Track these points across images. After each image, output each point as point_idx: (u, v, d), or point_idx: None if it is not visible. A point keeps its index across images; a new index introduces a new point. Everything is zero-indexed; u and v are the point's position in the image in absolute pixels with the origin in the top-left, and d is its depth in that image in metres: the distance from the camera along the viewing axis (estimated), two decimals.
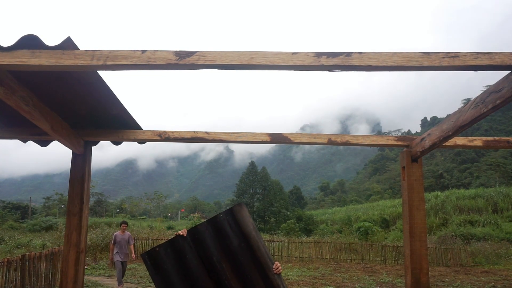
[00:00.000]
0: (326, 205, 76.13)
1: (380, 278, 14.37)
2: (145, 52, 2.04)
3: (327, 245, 20.30)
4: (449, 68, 2.06)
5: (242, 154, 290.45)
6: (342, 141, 3.80)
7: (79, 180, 3.72)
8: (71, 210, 3.65)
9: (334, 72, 2.12)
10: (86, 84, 2.85)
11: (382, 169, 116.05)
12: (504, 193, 35.81)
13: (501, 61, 2.02)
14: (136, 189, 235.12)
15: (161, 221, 54.38)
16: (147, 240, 20.43)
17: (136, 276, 13.84)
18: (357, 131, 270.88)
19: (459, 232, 24.93)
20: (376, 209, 42.06)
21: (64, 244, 3.61)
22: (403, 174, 3.86)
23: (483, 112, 2.52)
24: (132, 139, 3.80)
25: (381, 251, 19.72)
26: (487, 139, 3.82)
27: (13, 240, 22.44)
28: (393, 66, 2.05)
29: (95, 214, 59.23)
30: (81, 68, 2.08)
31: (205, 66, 2.06)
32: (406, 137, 3.94)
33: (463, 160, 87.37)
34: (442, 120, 3.35)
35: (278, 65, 2.05)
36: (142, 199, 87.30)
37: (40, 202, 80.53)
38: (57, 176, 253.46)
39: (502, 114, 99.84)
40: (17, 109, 2.56)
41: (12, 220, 41.62)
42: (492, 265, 18.44)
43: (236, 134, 3.80)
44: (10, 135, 3.64)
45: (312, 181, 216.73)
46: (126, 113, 3.42)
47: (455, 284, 13.24)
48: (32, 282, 10.00)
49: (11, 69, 2.10)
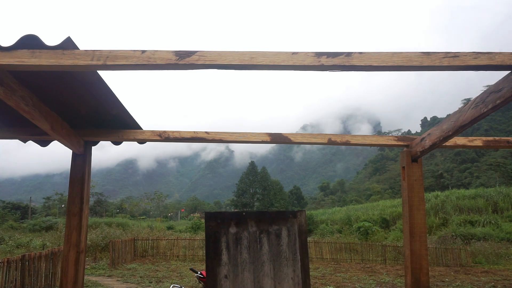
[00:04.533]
0: (326, 205, 76.07)
1: (380, 278, 14.37)
2: (145, 52, 2.04)
3: (327, 245, 20.30)
4: (449, 68, 2.06)
5: (242, 154, 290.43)
6: (342, 141, 3.80)
7: (79, 180, 3.72)
8: (71, 210, 3.65)
9: (334, 72, 2.12)
10: (86, 84, 2.85)
11: (382, 169, 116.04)
12: (504, 193, 35.80)
13: (501, 61, 2.02)
14: (136, 189, 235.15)
15: (161, 221, 54.42)
16: (147, 240, 20.43)
17: (136, 276, 13.84)
18: (358, 131, 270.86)
19: (459, 232, 24.94)
20: (376, 209, 42.02)
21: (64, 244, 3.61)
22: (403, 174, 3.86)
23: (483, 112, 2.52)
24: (132, 139, 3.80)
25: (381, 251, 19.73)
26: (487, 139, 3.82)
27: (13, 240, 22.44)
28: (393, 66, 2.05)
29: (95, 214, 59.24)
30: (81, 68, 2.08)
31: (205, 66, 2.06)
32: (406, 137, 3.93)
33: (463, 160, 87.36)
34: (442, 120, 3.35)
35: (278, 65, 2.05)
36: (142, 199, 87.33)
37: (40, 202, 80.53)
38: (57, 176, 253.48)
39: (502, 114, 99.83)
40: (17, 109, 2.56)
41: (12, 220, 41.65)
42: (492, 265, 18.44)
43: (236, 134, 3.80)
44: (10, 135, 3.64)
45: (312, 181, 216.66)
46: (126, 113, 3.42)
47: (455, 284, 13.24)
48: (32, 282, 10.00)
49: (11, 69, 2.10)
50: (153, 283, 12.30)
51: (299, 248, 3.72)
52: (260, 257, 3.67)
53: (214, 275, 3.62)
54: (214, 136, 3.79)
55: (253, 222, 3.71)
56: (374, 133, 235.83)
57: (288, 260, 3.69)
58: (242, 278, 3.63)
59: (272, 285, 3.64)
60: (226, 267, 3.63)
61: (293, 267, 3.68)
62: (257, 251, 3.68)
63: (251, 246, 3.69)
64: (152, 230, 30.41)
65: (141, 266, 16.53)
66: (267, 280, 3.64)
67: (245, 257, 3.65)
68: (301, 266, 3.70)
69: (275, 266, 3.67)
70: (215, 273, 3.62)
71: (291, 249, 3.72)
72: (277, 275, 3.65)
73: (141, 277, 13.47)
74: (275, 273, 3.66)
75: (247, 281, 3.63)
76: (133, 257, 18.92)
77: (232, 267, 3.63)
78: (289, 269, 3.67)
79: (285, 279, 3.65)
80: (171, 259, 19.32)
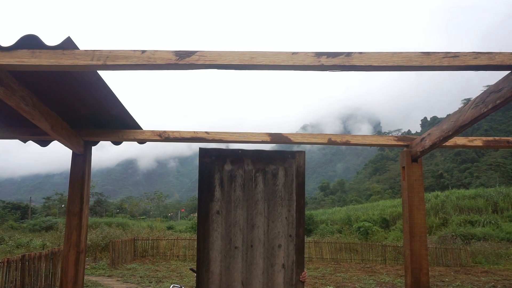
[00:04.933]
0: (326, 205, 76.03)
1: (380, 278, 14.37)
2: (145, 52, 2.04)
3: (327, 245, 20.30)
4: (449, 68, 2.06)
5: None
6: (342, 141, 3.81)
7: (79, 180, 3.72)
8: (71, 210, 3.65)
9: (334, 72, 2.12)
10: (86, 84, 2.85)
11: (382, 169, 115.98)
12: (504, 193, 35.79)
13: (501, 61, 2.02)
14: (136, 189, 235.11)
15: (161, 221, 54.37)
16: (147, 240, 20.43)
17: (136, 276, 13.84)
18: (358, 131, 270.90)
19: (459, 232, 24.93)
20: (376, 209, 41.99)
21: (64, 244, 3.61)
22: (403, 174, 3.86)
23: (483, 112, 2.52)
24: (132, 139, 3.80)
25: (381, 251, 19.72)
26: (487, 139, 3.82)
27: (13, 240, 22.43)
28: (393, 66, 2.05)
29: (95, 214, 59.21)
30: (81, 68, 2.08)
31: (205, 66, 2.06)
32: (406, 137, 3.93)
33: (463, 160, 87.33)
34: (442, 120, 3.35)
35: (278, 65, 2.05)
36: (142, 199, 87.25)
37: (40, 202, 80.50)
38: (57, 176, 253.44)
39: (502, 114, 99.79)
40: (17, 109, 2.56)
41: (12, 220, 41.61)
42: (492, 265, 18.44)
43: (236, 134, 3.80)
44: (10, 135, 3.64)
45: (312, 181, 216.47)
46: (126, 113, 3.42)
47: (455, 284, 13.24)
48: (32, 282, 10.00)
49: (11, 69, 2.10)
50: (153, 283, 12.30)
51: (295, 189, 3.72)
52: (255, 196, 3.68)
53: (206, 210, 3.63)
54: (214, 136, 3.79)
55: (250, 161, 3.70)
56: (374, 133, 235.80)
57: (283, 200, 3.69)
58: (234, 214, 3.64)
59: (265, 223, 3.66)
60: (218, 203, 3.63)
61: (288, 207, 3.69)
62: (251, 189, 3.68)
63: (246, 184, 3.69)
64: (152, 230, 30.36)
65: (141, 266, 16.52)
66: (260, 218, 3.65)
67: (239, 195, 3.65)
68: (296, 206, 3.71)
69: (270, 205, 3.68)
70: (207, 208, 3.62)
71: (288, 189, 3.71)
72: (271, 213, 3.67)
73: (141, 277, 13.47)
74: (269, 212, 3.67)
75: (240, 217, 3.64)
76: (133, 257, 18.92)
77: (225, 204, 3.64)
78: (284, 208, 3.68)
79: (278, 218, 3.67)
80: (171, 259, 19.32)
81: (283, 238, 3.65)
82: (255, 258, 3.60)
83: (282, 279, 3.59)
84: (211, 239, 3.57)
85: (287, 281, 3.59)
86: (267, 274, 3.59)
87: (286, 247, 3.64)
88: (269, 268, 3.60)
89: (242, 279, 3.56)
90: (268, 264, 3.60)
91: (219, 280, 3.53)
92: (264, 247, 3.62)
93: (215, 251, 3.56)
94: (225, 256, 3.57)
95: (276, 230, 3.65)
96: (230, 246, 3.59)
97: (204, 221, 3.60)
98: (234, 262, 3.57)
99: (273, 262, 3.61)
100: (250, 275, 3.58)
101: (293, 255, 3.64)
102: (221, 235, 3.59)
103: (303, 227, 3.73)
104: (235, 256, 3.58)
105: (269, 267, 3.60)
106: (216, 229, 3.59)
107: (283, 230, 3.66)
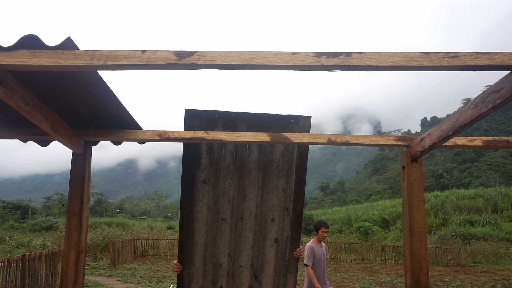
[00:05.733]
0: (326, 205, 76.07)
1: (380, 278, 14.37)
2: (145, 52, 2.04)
3: (327, 245, 20.27)
4: (449, 68, 2.06)
5: None
6: (342, 141, 3.80)
7: (79, 180, 3.72)
8: (71, 210, 3.65)
9: (334, 72, 2.12)
10: (86, 84, 2.85)
11: (382, 169, 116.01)
12: (504, 193, 35.79)
13: (501, 61, 2.02)
14: (136, 189, 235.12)
15: (161, 221, 54.35)
16: (147, 240, 20.43)
17: (136, 276, 13.84)
18: (358, 131, 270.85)
19: (459, 232, 24.94)
20: (376, 209, 42.01)
21: (64, 244, 3.61)
22: (403, 174, 3.86)
23: (483, 112, 2.51)
24: (132, 139, 3.80)
25: (381, 251, 19.73)
26: (487, 139, 3.82)
27: (13, 240, 22.43)
28: (393, 66, 2.05)
29: (95, 214, 59.19)
30: (81, 68, 2.08)
31: (205, 66, 2.06)
32: (406, 137, 3.93)
33: (463, 160, 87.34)
34: (442, 120, 3.35)
35: (278, 65, 2.05)
36: (142, 199, 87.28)
37: (40, 202, 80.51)
38: (57, 176, 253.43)
39: (502, 114, 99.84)
40: (17, 109, 2.56)
41: (12, 220, 41.60)
42: (492, 265, 18.43)
43: (236, 134, 3.79)
44: (10, 135, 3.64)
45: (312, 181, 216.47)
46: (126, 113, 3.42)
47: (455, 284, 13.24)
48: (32, 282, 10.00)
49: (11, 69, 2.10)
50: (153, 283, 12.29)
51: (296, 159, 3.38)
52: (248, 165, 3.36)
53: (191, 179, 3.32)
54: (214, 136, 3.78)
55: (244, 126, 3.37)
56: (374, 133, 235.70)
57: (281, 171, 3.37)
58: (223, 184, 3.34)
59: (258, 194, 3.36)
60: (205, 171, 3.33)
61: (287, 178, 3.37)
62: (245, 158, 3.36)
63: (238, 152, 3.36)
64: (152, 230, 30.38)
65: (141, 266, 16.52)
66: (253, 189, 3.36)
67: (229, 163, 3.34)
68: (296, 178, 3.38)
69: (265, 176, 3.36)
70: (192, 176, 3.32)
71: (287, 159, 3.38)
72: (266, 185, 3.37)
73: (141, 277, 13.47)
74: (264, 183, 3.37)
75: (229, 188, 3.34)
76: (133, 257, 18.93)
77: (213, 172, 3.32)
78: (281, 180, 3.37)
79: (274, 190, 3.37)
80: (171, 259, 19.31)
81: (278, 211, 3.38)
82: (244, 231, 3.35)
83: (274, 254, 3.36)
84: (196, 209, 3.32)
85: (280, 256, 3.36)
86: (258, 248, 3.36)
87: (281, 221, 3.38)
88: (260, 242, 3.36)
89: (230, 251, 3.33)
90: (259, 238, 3.36)
91: (203, 250, 3.32)
92: (255, 220, 3.35)
93: (200, 222, 3.32)
94: (212, 227, 3.32)
95: (270, 202, 3.38)
96: (217, 217, 3.33)
97: (188, 191, 3.32)
98: (221, 234, 3.33)
99: (265, 236, 3.37)
100: (238, 248, 3.34)
101: (288, 229, 3.38)
102: (207, 205, 3.32)
103: (302, 201, 3.45)
104: (222, 228, 3.33)
105: (260, 241, 3.36)
106: (201, 199, 3.32)
107: (279, 203, 3.38)
